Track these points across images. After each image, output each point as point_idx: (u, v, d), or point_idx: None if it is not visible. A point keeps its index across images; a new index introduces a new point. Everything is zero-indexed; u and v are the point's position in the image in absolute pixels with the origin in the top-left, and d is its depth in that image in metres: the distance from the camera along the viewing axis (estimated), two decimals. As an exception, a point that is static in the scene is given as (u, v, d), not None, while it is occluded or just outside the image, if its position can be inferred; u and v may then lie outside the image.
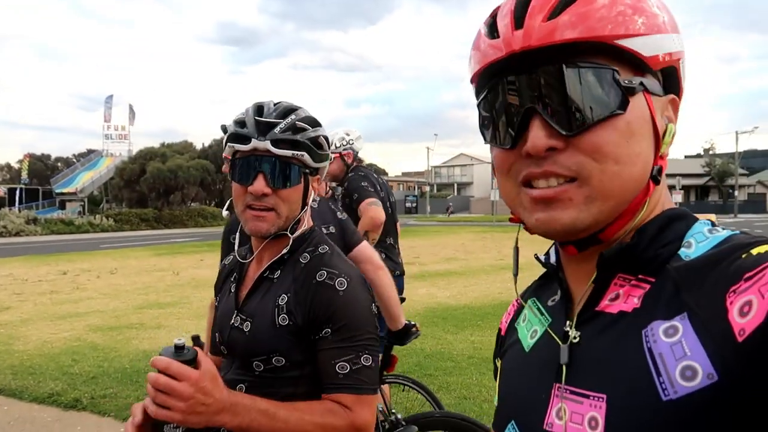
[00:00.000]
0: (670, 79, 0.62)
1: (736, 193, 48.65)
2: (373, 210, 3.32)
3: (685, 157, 62.85)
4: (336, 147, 3.55)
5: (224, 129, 1.37)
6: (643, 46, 0.57)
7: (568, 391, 0.60)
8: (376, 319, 1.30)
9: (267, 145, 1.25)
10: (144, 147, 42.45)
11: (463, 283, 10.27)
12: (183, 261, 14.87)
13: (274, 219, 1.29)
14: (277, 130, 1.26)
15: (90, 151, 56.00)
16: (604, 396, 0.55)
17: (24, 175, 46.37)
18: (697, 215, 0.63)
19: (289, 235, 1.32)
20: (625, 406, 0.53)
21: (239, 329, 1.31)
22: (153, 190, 38.16)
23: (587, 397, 0.57)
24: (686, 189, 55.70)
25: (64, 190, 43.43)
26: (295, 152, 1.27)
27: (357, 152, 3.70)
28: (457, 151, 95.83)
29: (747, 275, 0.49)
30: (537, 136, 0.57)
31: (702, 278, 0.53)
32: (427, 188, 61.98)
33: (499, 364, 0.79)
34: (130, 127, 50.68)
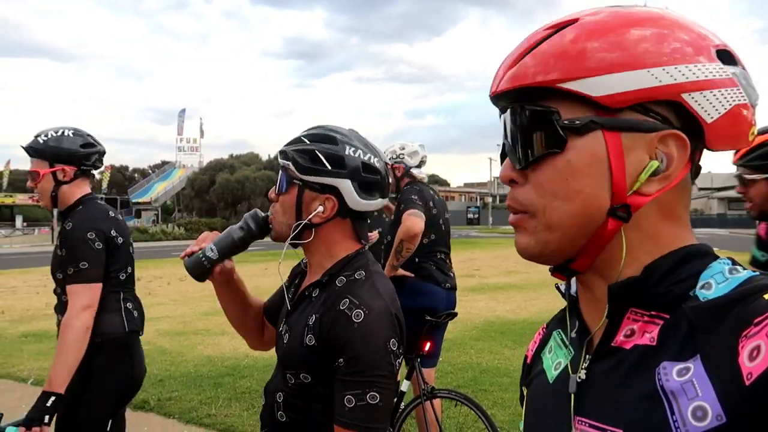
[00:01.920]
0: (680, 115, 0.60)
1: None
2: (411, 220, 3.32)
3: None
4: (388, 160, 3.60)
5: None
6: (595, 86, 0.59)
7: (587, 424, 0.61)
8: (393, 356, 1.25)
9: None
10: (213, 159, 44.30)
11: (523, 297, 10.08)
12: (248, 269, 15.28)
13: (276, 224, 1.42)
14: (285, 143, 1.41)
15: (164, 163, 58.96)
16: (621, 431, 0.57)
17: (104, 185, 49.21)
18: (722, 255, 0.62)
19: (288, 241, 1.38)
20: None
21: (282, 336, 1.39)
22: (221, 200, 39.65)
23: (605, 431, 0.58)
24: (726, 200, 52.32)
25: (140, 200, 45.89)
26: (283, 161, 1.38)
27: (409, 167, 3.72)
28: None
29: (757, 320, 0.50)
30: (503, 168, 0.67)
31: (717, 320, 0.53)
32: (489, 199, 61.19)
33: (525, 392, 0.80)
34: (201, 140, 52.98)
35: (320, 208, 1.35)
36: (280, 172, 1.40)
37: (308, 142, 1.36)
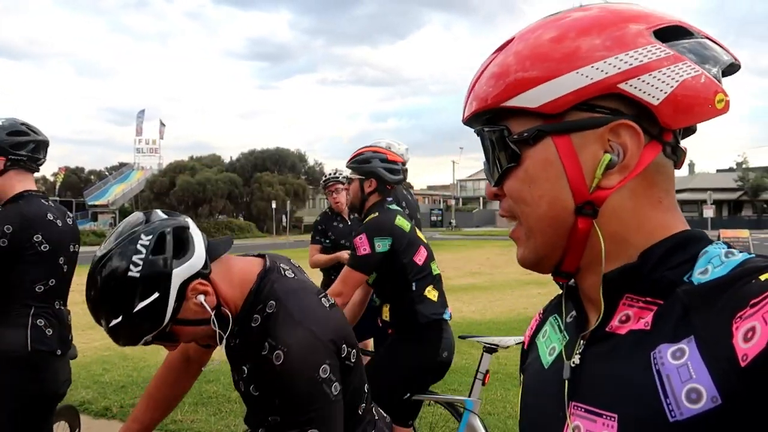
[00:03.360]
0: (629, 103, 0.60)
1: (771, 208, 47.38)
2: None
3: (717, 171, 61.64)
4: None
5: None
6: (532, 98, 0.62)
7: (582, 410, 0.61)
8: (325, 384, 1.20)
9: None
10: (174, 160, 43.45)
11: (487, 297, 10.21)
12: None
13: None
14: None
15: (122, 165, 57.35)
16: (615, 415, 0.57)
17: (57, 187, 47.66)
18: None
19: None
20: (635, 426, 0.55)
21: (237, 383, 1.36)
22: (182, 203, 38.87)
23: (600, 416, 0.59)
24: (719, 203, 54.48)
25: (97, 203, 44.59)
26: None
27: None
28: (482, 165, 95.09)
29: (753, 301, 0.50)
30: (486, 186, 0.72)
31: (711, 302, 0.54)
32: (453, 201, 61.84)
33: (522, 377, 0.81)
34: (161, 141, 51.93)
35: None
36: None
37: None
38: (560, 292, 0.77)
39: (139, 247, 1.17)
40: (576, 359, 0.65)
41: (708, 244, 0.61)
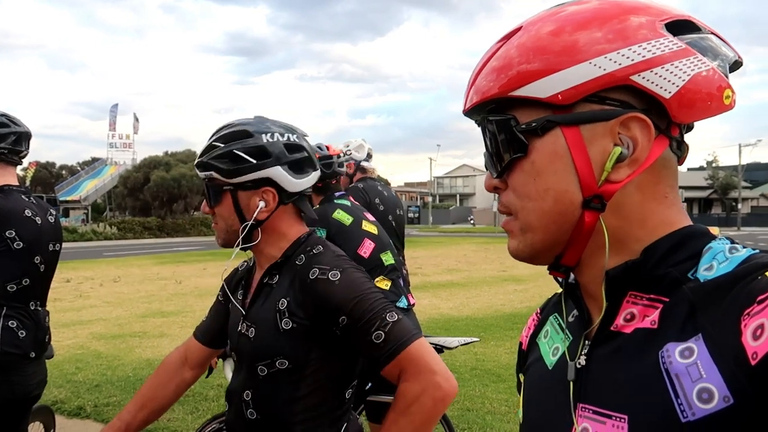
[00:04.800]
0: (640, 96, 0.59)
1: (740, 206, 48.49)
2: None
3: (688, 169, 62.77)
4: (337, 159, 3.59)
5: None
6: (542, 88, 0.61)
7: (590, 411, 0.60)
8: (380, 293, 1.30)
9: (197, 170, 1.35)
10: (148, 156, 42.62)
11: (465, 294, 10.25)
12: (186, 270, 14.85)
13: (220, 233, 1.39)
14: (199, 153, 1.36)
15: (94, 160, 56.23)
16: (626, 417, 0.56)
17: (27, 182, 46.53)
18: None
19: (238, 247, 1.36)
20: (647, 427, 0.54)
21: (245, 336, 1.34)
22: (156, 199, 38.26)
23: (610, 417, 0.58)
24: (689, 201, 55.57)
25: (68, 198, 43.61)
26: (204, 173, 1.34)
27: (359, 161, 3.73)
28: (459, 162, 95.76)
29: (760, 298, 0.49)
30: (486, 178, 0.70)
31: (718, 299, 0.53)
32: (429, 199, 62.03)
33: (522, 379, 0.79)
34: (135, 136, 51.00)
35: (261, 204, 1.32)
36: (205, 184, 1.37)
37: (222, 145, 1.32)
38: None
39: (283, 132, 1.36)
40: (582, 360, 0.64)
41: (711, 239, 0.60)
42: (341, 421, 1.35)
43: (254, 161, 1.30)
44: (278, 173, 1.31)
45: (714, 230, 0.62)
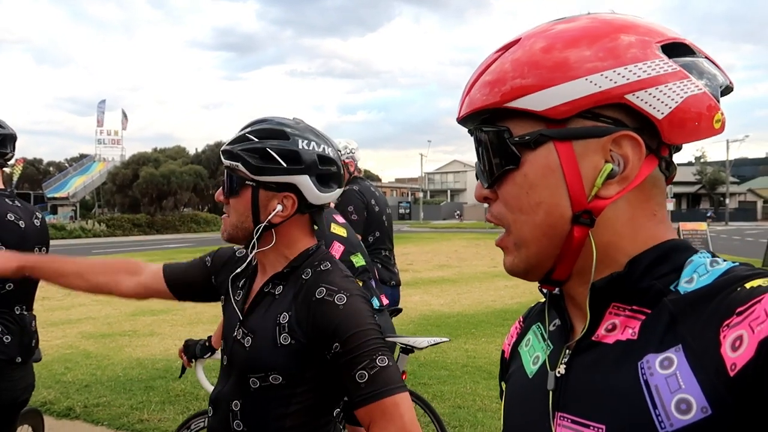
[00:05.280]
0: (632, 115, 0.60)
1: (727, 201, 49.01)
2: None
3: (677, 165, 63.24)
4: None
5: None
6: (537, 101, 0.61)
7: (569, 420, 0.61)
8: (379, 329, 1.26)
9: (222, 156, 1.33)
10: (137, 152, 42.37)
11: (456, 290, 10.29)
12: (176, 267, 14.75)
13: (228, 226, 1.36)
14: (228, 141, 1.34)
15: (83, 156, 55.75)
16: (603, 426, 0.57)
17: (15, 179, 46.04)
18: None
19: (253, 251, 1.33)
20: None
21: (241, 343, 1.31)
22: (145, 196, 38.05)
23: (588, 426, 0.58)
24: (678, 197, 56.02)
25: (56, 195, 43.18)
26: (230, 162, 1.31)
27: (357, 161, 3.72)
28: (450, 158, 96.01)
29: (739, 309, 0.50)
30: (477, 188, 0.70)
31: (698, 311, 0.54)
32: (420, 194, 62.12)
33: (504, 387, 0.80)
34: (123, 132, 50.55)
35: (279, 207, 1.29)
36: (226, 173, 1.33)
37: (257, 140, 1.29)
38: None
39: (319, 142, 1.33)
40: (561, 369, 0.64)
41: (693, 253, 0.61)
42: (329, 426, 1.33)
43: (285, 164, 1.27)
44: (305, 182, 1.29)
45: (702, 225, 0.64)
